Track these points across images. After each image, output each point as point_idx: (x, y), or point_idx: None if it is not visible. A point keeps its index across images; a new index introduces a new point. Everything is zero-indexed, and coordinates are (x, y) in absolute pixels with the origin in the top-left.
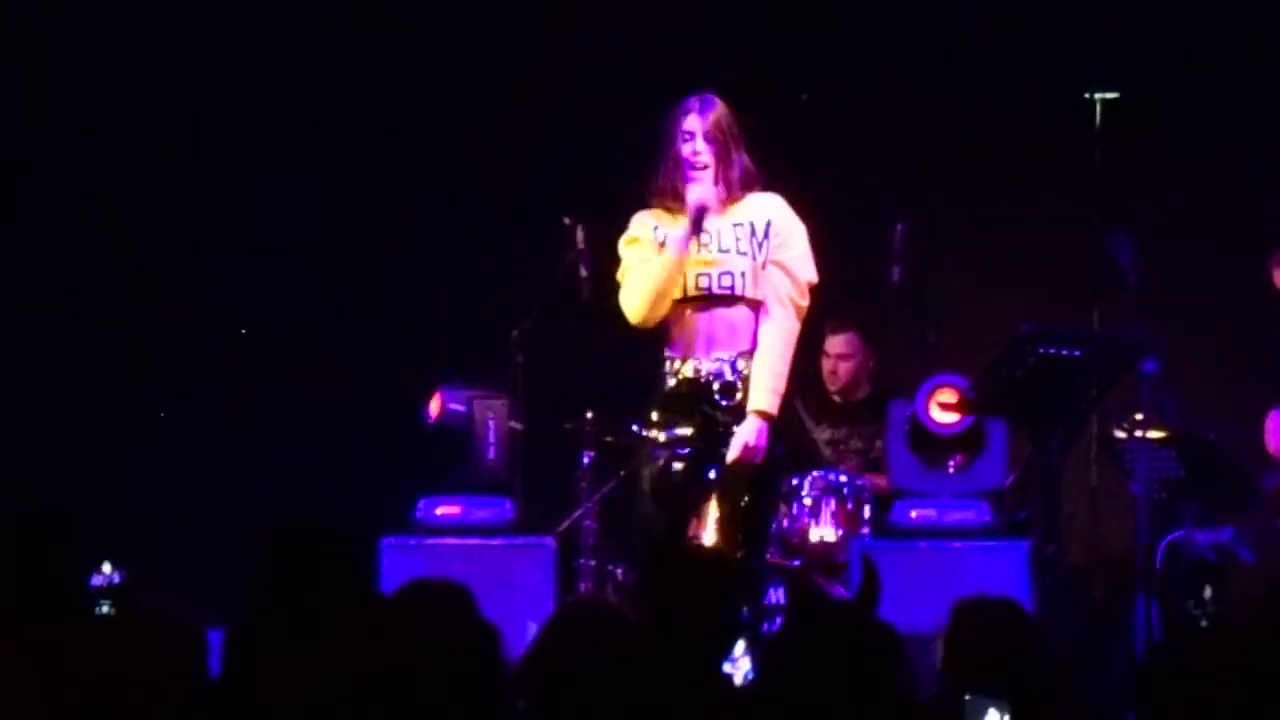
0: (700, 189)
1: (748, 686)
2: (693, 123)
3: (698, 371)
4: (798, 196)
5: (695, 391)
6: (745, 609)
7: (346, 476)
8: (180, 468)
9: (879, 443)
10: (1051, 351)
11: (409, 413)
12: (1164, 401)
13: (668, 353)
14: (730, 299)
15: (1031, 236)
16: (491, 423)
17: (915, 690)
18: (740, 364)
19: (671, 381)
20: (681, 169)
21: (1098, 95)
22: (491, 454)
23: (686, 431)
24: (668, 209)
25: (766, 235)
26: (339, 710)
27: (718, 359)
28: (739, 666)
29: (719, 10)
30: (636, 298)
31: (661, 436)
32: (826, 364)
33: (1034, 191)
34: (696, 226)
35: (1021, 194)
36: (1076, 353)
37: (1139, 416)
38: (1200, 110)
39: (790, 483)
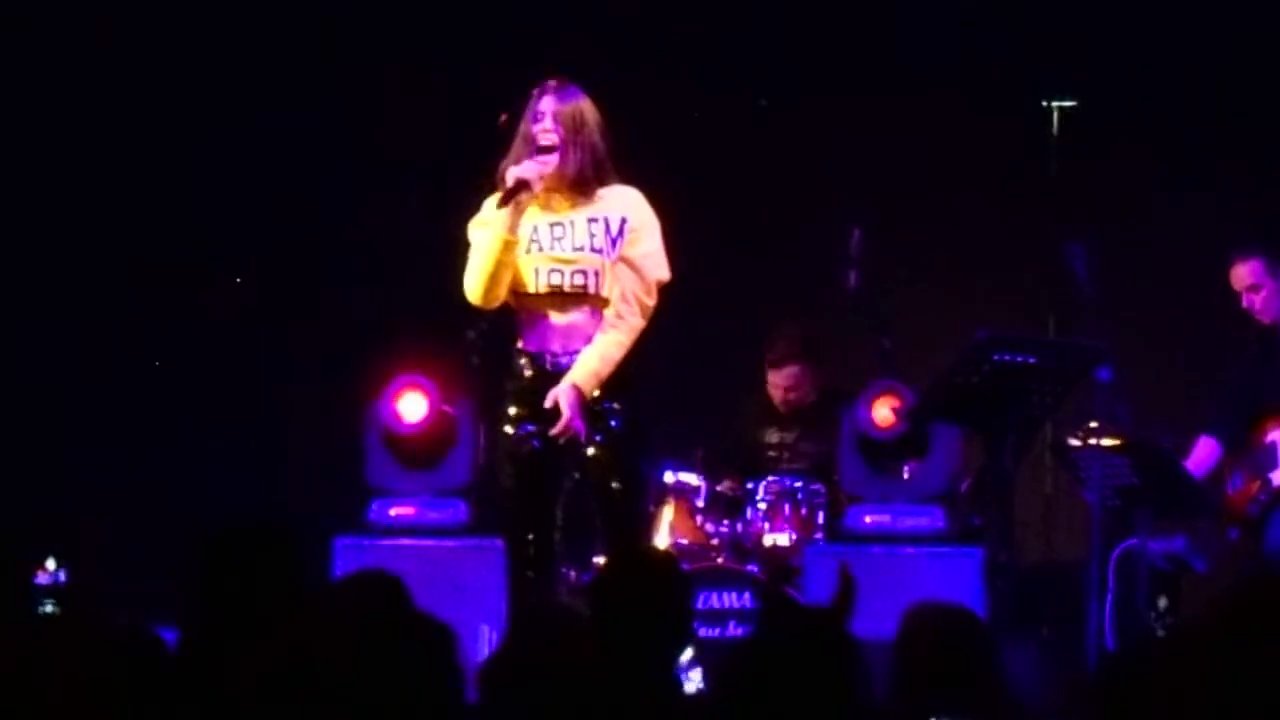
0: (529, 165)
1: (703, 694)
2: (546, 104)
3: (555, 367)
4: (755, 201)
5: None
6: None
7: (303, 478)
8: (143, 468)
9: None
10: (1006, 358)
11: (363, 412)
12: (1118, 409)
13: (521, 346)
14: (582, 297)
15: (988, 244)
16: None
17: (871, 697)
18: None
19: (528, 373)
20: (529, 149)
21: (1055, 103)
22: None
23: (544, 424)
24: None
25: (621, 232)
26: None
27: (572, 354)
28: (690, 677)
29: (681, 15)
30: (471, 279)
31: (519, 431)
32: (776, 393)
33: (991, 199)
34: (508, 198)
35: (979, 201)
36: (1031, 359)
37: (1093, 424)
38: (1157, 119)
39: (745, 487)
